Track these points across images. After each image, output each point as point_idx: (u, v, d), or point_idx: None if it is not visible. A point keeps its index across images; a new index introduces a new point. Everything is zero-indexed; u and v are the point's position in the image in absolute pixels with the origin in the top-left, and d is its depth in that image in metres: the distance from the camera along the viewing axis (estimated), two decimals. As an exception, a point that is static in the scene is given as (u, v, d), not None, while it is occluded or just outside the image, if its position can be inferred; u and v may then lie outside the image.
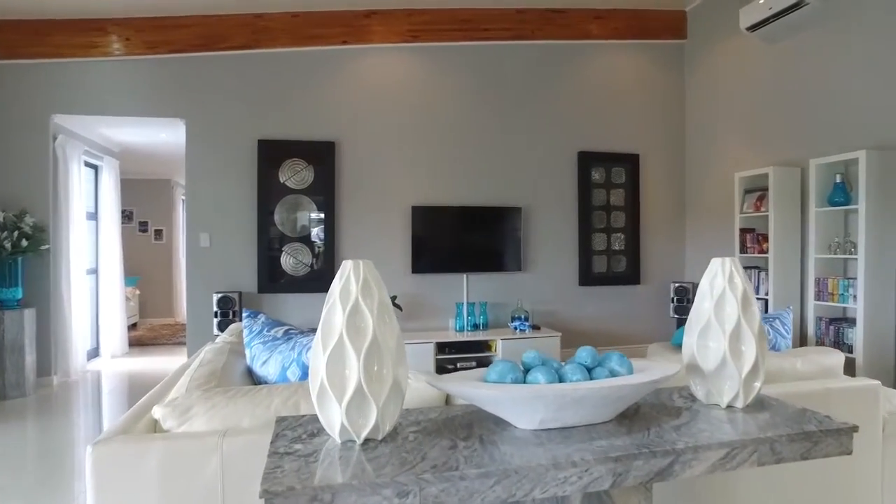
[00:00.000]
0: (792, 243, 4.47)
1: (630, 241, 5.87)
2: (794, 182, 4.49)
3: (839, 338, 4.01)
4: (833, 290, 4.04)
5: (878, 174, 3.78)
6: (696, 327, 1.42)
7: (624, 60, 5.85)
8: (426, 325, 5.37)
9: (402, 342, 1.18)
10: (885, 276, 3.82)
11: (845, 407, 1.99)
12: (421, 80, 5.41)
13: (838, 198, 4.01)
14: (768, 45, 4.84)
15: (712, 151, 5.59)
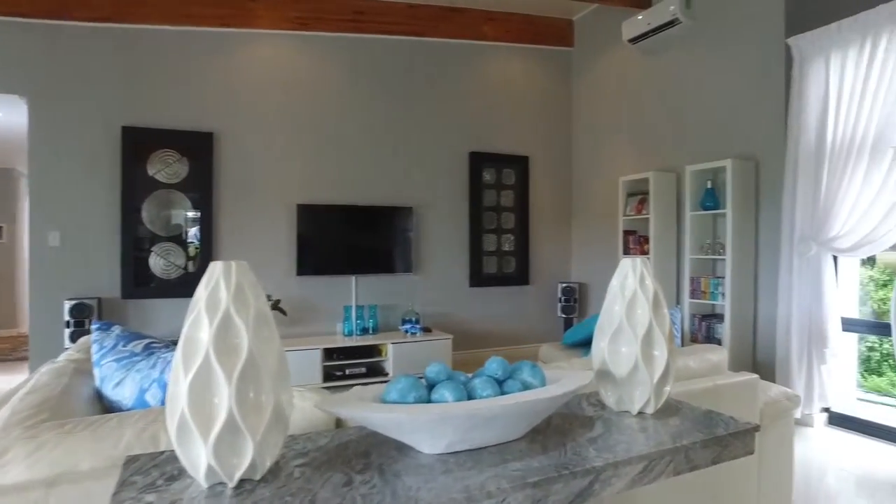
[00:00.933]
0: (669, 244, 4.72)
1: (519, 241, 5.94)
2: (671, 187, 4.74)
3: (710, 333, 4.27)
4: (705, 289, 4.30)
5: (742, 182, 4.07)
6: (607, 331, 1.35)
7: (516, 63, 5.92)
8: (312, 329, 5.08)
9: (284, 359, 0.98)
10: (747, 274, 4.12)
11: (730, 400, 2.04)
12: (310, 72, 5.11)
13: (709, 202, 4.27)
14: (648, 57, 5.09)
15: (598, 156, 5.81)
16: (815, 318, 3.47)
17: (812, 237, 3.48)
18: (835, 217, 3.37)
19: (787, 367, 3.60)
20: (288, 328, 4.95)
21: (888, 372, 5.31)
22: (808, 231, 3.51)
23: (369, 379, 4.75)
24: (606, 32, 5.55)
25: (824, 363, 3.47)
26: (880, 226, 3.18)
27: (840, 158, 3.36)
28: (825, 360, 3.46)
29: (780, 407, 2.23)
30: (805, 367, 3.54)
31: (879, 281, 5.50)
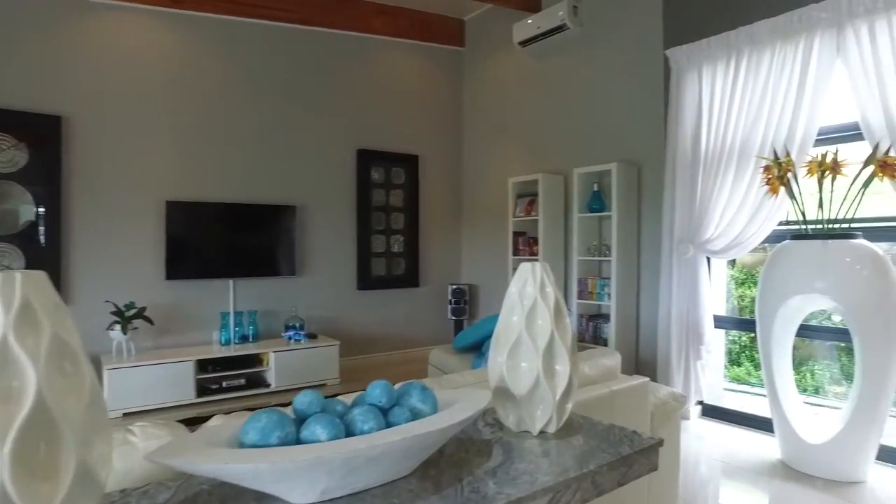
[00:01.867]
0: (558, 246, 4.79)
1: (409, 242, 5.80)
2: (559, 189, 4.81)
3: (597, 333, 4.37)
4: (592, 290, 4.40)
5: (626, 185, 4.20)
6: (504, 344, 1.22)
7: (407, 60, 5.77)
8: (185, 339, 4.61)
9: (97, 401, 0.74)
10: (630, 275, 4.26)
11: (624, 405, 2.01)
12: (184, 55, 4.63)
13: (595, 205, 4.37)
14: (538, 61, 5.14)
15: (488, 156, 5.80)
16: (692, 317, 3.64)
17: (689, 239, 3.64)
18: (709, 221, 3.55)
19: (667, 364, 3.74)
20: (155, 339, 4.45)
21: (746, 363, 5.79)
22: (686, 234, 3.67)
23: (250, 391, 4.38)
24: (497, 34, 5.56)
25: (700, 359, 3.64)
26: (746, 229, 3.38)
27: (712, 166, 3.54)
28: (700, 356, 3.63)
29: (668, 408, 2.25)
30: (683, 364, 3.69)
31: (738, 279, 5.99)
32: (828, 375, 5.22)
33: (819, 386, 5.19)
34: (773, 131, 3.26)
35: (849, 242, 2.72)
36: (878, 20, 2.93)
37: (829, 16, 3.08)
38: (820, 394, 5.11)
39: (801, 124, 3.16)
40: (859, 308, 2.67)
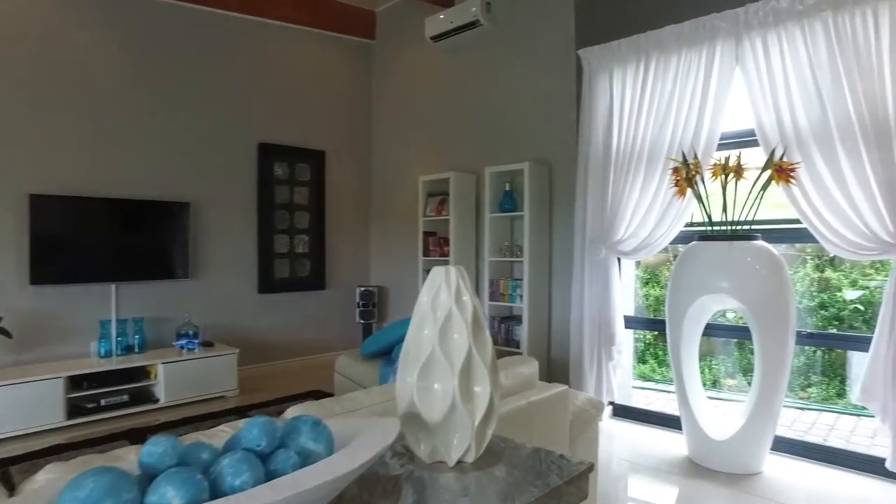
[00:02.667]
0: (469, 246, 4.69)
1: (315, 243, 5.50)
2: (471, 188, 4.71)
3: (510, 335, 4.31)
4: (504, 291, 4.33)
5: (538, 185, 4.17)
6: (414, 363, 1.04)
7: (313, 50, 5.46)
8: (56, 352, 4.07)
9: None
10: (542, 276, 4.23)
11: (543, 416, 1.90)
12: (53, 27, 4.08)
13: (507, 204, 4.31)
14: (451, 57, 5.02)
15: (398, 154, 5.61)
16: (604, 318, 3.64)
17: (601, 240, 3.65)
18: (620, 222, 3.56)
19: (580, 366, 3.73)
20: (16, 355, 3.89)
21: (650, 360, 5.99)
22: (598, 234, 3.67)
23: (135, 408, 3.93)
24: (409, 28, 5.39)
25: (611, 360, 3.66)
26: (655, 230, 3.42)
27: (623, 167, 3.56)
28: (612, 357, 3.64)
29: (587, 416, 2.17)
30: (595, 365, 3.69)
31: (643, 279, 6.19)
32: (723, 370, 5.50)
33: (716, 379, 5.45)
34: (680, 135, 3.31)
35: (750, 244, 2.79)
36: (770, 34, 3.04)
37: (729, 26, 3.17)
38: (717, 387, 5.37)
39: (705, 129, 3.23)
40: (759, 306, 2.75)
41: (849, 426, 4.19)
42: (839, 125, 2.81)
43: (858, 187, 2.76)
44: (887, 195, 2.69)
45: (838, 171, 2.81)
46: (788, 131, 2.95)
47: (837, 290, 5.11)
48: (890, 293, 2.71)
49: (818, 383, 4.87)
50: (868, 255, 2.80)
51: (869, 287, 4.90)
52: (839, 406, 4.65)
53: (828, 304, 5.00)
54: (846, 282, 5.11)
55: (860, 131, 2.75)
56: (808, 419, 4.32)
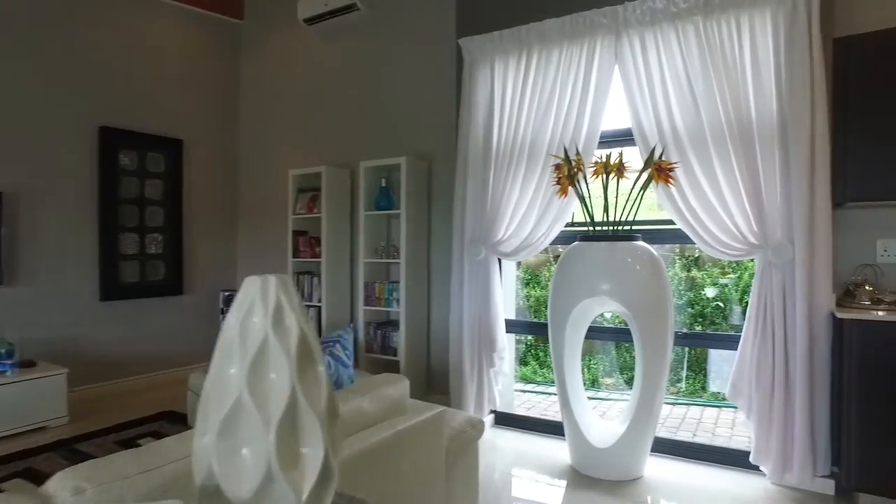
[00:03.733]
0: (343, 247, 4.34)
1: (171, 243, 4.87)
2: (345, 183, 4.37)
3: (386, 342, 4.02)
4: (380, 295, 4.03)
5: (416, 181, 3.93)
6: (213, 416, 0.72)
7: (171, 25, 4.82)
8: None
9: None
10: (420, 278, 4.00)
11: (414, 445, 1.63)
12: None
13: (383, 202, 4.02)
14: (326, 42, 4.64)
15: (268, 145, 5.13)
16: (485, 323, 3.46)
17: (481, 240, 3.47)
18: (500, 221, 3.40)
19: (460, 374, 3.53)
20: None
21: (532, 361, 5.98)
22: (478, 234, 3.49)
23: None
24: (281, 8, 4.92)
25: (493, 367, 3.49)
26: (536, 229, 3.30)
27: (504, 163, 3.41)
28: (493, 363, 3.47)
29: (465, 438, 1.93)
30: (476, 373, 3.50)
31: (524, 279, 6.18)
32: (602, 369, 5.60)
33: (595, 378, 5.54)
34: (560, 131, 3.21)
35: (631, 244, 2.73)
36: (647, 33, 3.02)
37: (609, 22, 3.12)
38: (596, 387, 5.45)
39: (586, 125, 3.15)
40: (640, 309, 2.68)
41: (712, 418, 4.37)
42: (712, 128, 2.83)
43: (729, 190, 2.79)
44: (752, 198, 2.74)
45: (712, 173, 2.82)
46: (666, 132, 2.93)
47: (701, 289, 5.39)
48: (755, 294, 2.76)
49: (686, 378, 5.08)
50: (737, 255, 2.84)
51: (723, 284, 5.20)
52: (703, 399, 4.88)
53: (694, 301, 5.25)
54: (708, 280, 5.40)
55: (729, 135, 2.78)
56: (678, 414, 4.46)
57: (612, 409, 4.70)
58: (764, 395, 2.69)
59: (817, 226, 2.62)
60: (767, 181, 2.72)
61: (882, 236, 2.81)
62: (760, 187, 2.73)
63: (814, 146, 2.62)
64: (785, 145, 2.68)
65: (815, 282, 2.61)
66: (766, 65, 2.75)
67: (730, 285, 5.09)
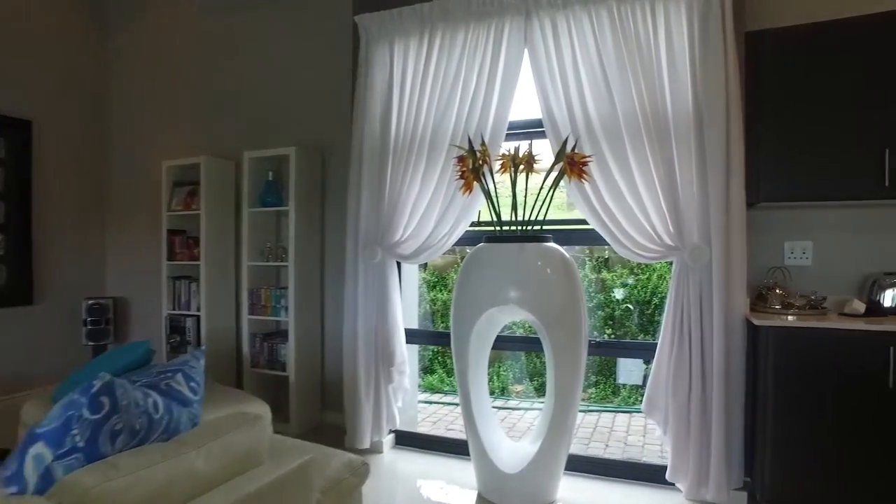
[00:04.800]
0: (226, 248, 3.82)
1: (17, 243, 4.11)
2: (228, 177, 3.84)
3: (274, 355, 3.55)
4: (266, 302, 3.56)
5: (308, 174, 3.51)
6: None
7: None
8: None
9: None
10: (312, 284, 3.58)
11: None
12: None
13: (271, 197, 3.55)
14: (209, 17, 4.08)
15: (140, 131, 4.47)
16: (382, 334, 3.09)
17: (377, 241, 3.09)
18: (399, 220, 3.04)
19: (354, 391, 3.13)
20: None
21: (439, 369, 5.67)
22: (374, 235, 3.11)
23: None
24: (151, -25, 4.31)
25: (391, 382, 3.12)
26: (437, 229, 2.97)
27: (402, 155, 3.05)
28: (392, 378, 3.11)
29: (344, 488, 1.56)
30: (373, 390, 3.13)
31: (430, 282, 5.86)
32: (511, 376, 5.38)
33: (504, 386, 5.31)
34: (465, 120, 2.90)
35: (542, 246, 2.46)
36: (559, 16, 2.78)
37: (518, 2, 2.84)
38: (505, 395, 5.23)
39: (493, 115, 2.86)
40: (552, 317, 2.42)
41: (624, 425, 4.25)
42: (627, 120, 2.62)
43: (645, 187, 2.59)
44: (669, 196, 2.55)
45: (627, 170, 2.61)
46: (579, 122, 2.70)
47: (611, 291, 5.30)
48: (672, 300, 2.58)
49: (596, 384, 4.97)
50: (654, 257, 2.64)
51: (632, 286, 5.14)
52: (614, 404, 4.77)
53: (604, 304, 5.15)
54: (618, 282, 5.32)
55: (644, 129, 2.59)
56: (589, 423, 4.31)
57: (522, 420, 4.48)
58: (681, 408, 2.51)
59: (733, 227, 2.47)
60: (684, 179, 2.54)
61: (789, 238, 2.73)
62: (677, 185, 2.55)
63: (729, 144, 2.47)
64: (701, 142, 2.51)
65: (732, 286, 2.46)
66: (681, 57, 2.57)
67: (638, 287, 5.03)
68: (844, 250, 2.65)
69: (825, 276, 2.65)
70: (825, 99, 2.41)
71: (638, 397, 4.64)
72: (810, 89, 2.43)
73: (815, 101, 2.42)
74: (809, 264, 2.69)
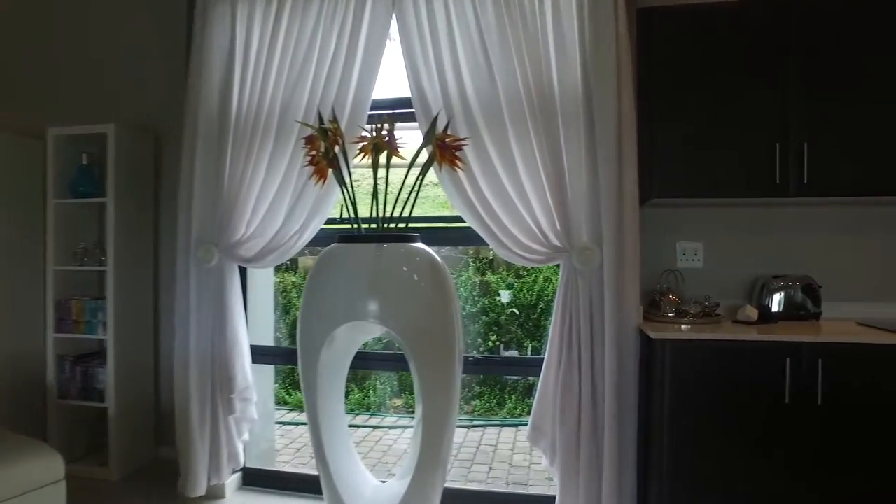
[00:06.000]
0: (26, 249, 3.02)
1: None
2: (31, 159, 3.05)
3: (89, 382, 2.86)
4: (79, 317, 2.86)
5: (134, 158, 2.86)
6: None
7: None
8: None
9: None
10: (141, 293, 2.93)
11: None
12: None
13: (85, 186, 2.86)
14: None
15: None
16: (219, 354, 2.52)
17: (213, 241, 2.51)
18: (240, 214, 2.49)
19: (186, 425, 2.54)
20: None
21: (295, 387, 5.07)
22: (209, 233, 2.53)
23: None
24: None
25: (233, 413, 2.55)
26: (286, 227, 2.45)
27: (246, 136, 2.50)
28: (233, 408, 2.54)
29: None
30: (209, 422, 2.54)
31: (300, 287, 5.24)
32: (388, 390, 4.93)
33: (381, 402, 4.85)
34: (321, 95, 2.40)
35: (407, 247, 2.02)
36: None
37: (385, -40, 2.40)
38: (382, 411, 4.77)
39: (353, 89, 2.39)
40: (419, 333, 1.99)
41: (509, 441, 3.94)
42: (509, 101, 2.26)
43: (529, 178, 2.24)
44: (556, 189, 2.22)
45: (509, 157, 2.25)
46: (454, 100, 2.30)
47: (496, 294, 5.00)
48: (559, 309, 2.24)
49: (480, 395, 4.64)
50: (539, 260, 2.30)
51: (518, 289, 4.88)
52: (499, 417, 4.46)
53: (488, 309, 4.84)
54: (503, 285, 5.04)
55: (529, 110, 2.24)
56: (473, 440, 3.95)
57: (400, 439, 4.04)
58: (570, 435, 2.18)
59: (626, 225, 2.17)
60: (572, 169, 2.22)
61: (682, 238, 2.51)
62: (564, 176, 2.22)
63: (621, 132, 2.18)
64: (591, 127, 2.20)
65: (625, 293, 2.17)
66: (569, 30, 2.25)
67: (524, 290, 4.77)
68: (734, 252, 2.46)
69: (716, 280, 2.45)
70: (715, 87, 2.18)
71: (525, 408, 4.36)
72: (701, 76, 2.20)
73: (705, 88, 2.19)
74: (701, 267, 2.47)
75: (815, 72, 2.12)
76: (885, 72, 2.09)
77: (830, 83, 2.11)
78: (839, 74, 2.11)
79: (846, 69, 2.11)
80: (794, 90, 2.13)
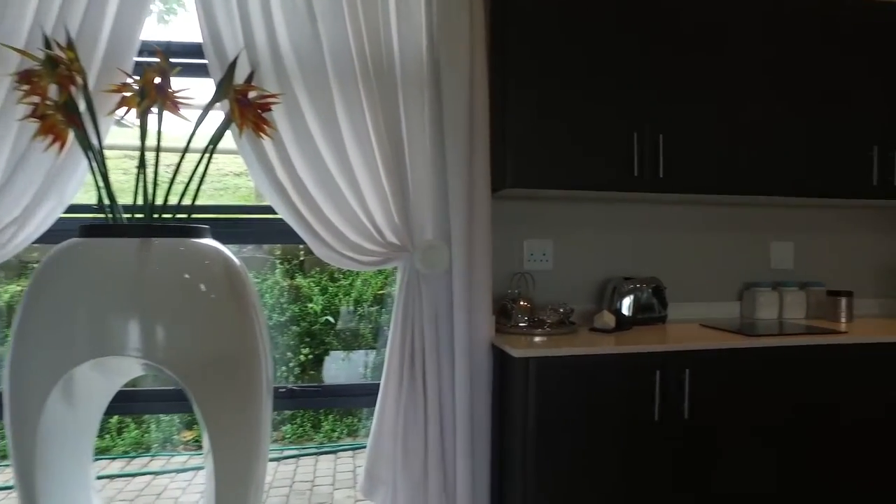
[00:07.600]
0: None
1: None
2: None
3: None
4: None
5: None
6: None
7: None
8: None
9: None
10: None
11: None
12: None
13: None
14: None
15: None
16: None
17: None
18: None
19: None
20: None
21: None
22: None
23: None
24: None
25: None
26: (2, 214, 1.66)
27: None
28: None
29: None
30: None
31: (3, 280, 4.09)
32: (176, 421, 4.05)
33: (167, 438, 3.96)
34: (56, 16, 1.65)
35: (189, 245, 1.40)
36: None
37: None
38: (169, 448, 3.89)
39: (112, 15, 1.68)
40: (207, 365, 1.38)
41: (328, 473, 3.39)
42: (336, 58, 1.75)
43: (360, 154, 1.75)
44: (393, 170, 1.77)
45: (334, 127, 1.74)
46: (262, 52, 1.72)
47: (309, 301, 4.40)
48: (398, 323, 1.79)
49: (291, 418, 4.00)
50: (373, 262, 1.81)
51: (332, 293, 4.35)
52: (315, 444, 3.87)
53: (299, 317, 4.22)
54: (317, 290, 4.45)
55: (361, 73, 1.76)
56: (284, 476, 3.32)
57: (189, 488, 3.25)
58: (415, 484, 1.74)
59: (477, 219, 1.80)
60: (415, 151, 1.79)
61: (529, 236, 2.23)
62: (404, 155, 1.79)
63: (473, 106, 1.80)
64: (438, 100, 1.79)
65: (476, 301, 1.79)
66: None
67: (340, 293, 4.25)
68: (585, 251, 2.25)
69: (567, 283, 2.21)
70: (573, 64, 1.91)
71: (345, 428, 3.83)
72: (557, 49, 1.90)
73: (562, 64, 1.90)
74: (551, 268, 2.21)
75: (672, 61, 1.96)
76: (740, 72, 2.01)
77: (686, 80, 1.97)
78: (696, 70, 1.98)
79: (703, 65, 1.99)
80: (655, 78, 1.95)
